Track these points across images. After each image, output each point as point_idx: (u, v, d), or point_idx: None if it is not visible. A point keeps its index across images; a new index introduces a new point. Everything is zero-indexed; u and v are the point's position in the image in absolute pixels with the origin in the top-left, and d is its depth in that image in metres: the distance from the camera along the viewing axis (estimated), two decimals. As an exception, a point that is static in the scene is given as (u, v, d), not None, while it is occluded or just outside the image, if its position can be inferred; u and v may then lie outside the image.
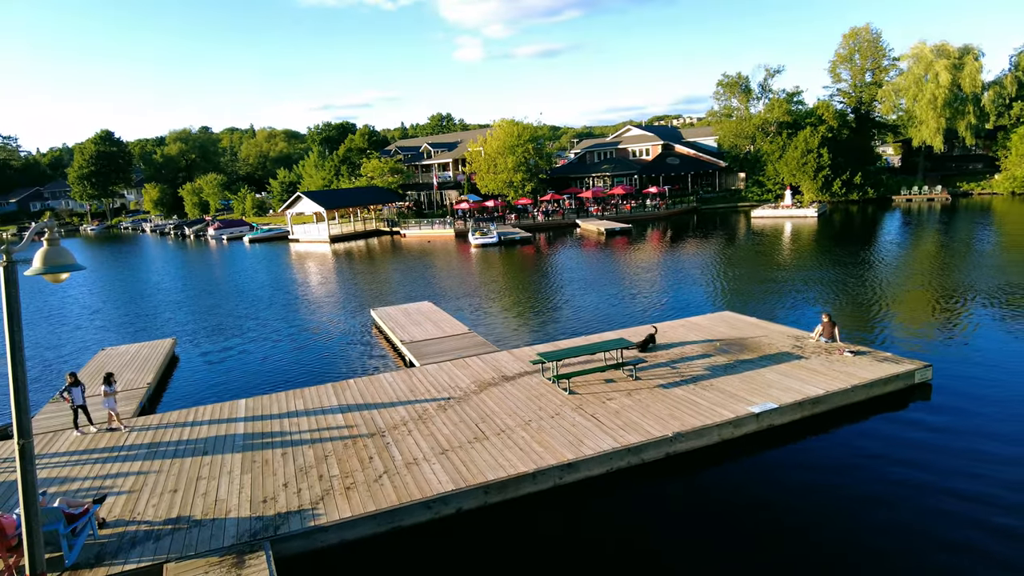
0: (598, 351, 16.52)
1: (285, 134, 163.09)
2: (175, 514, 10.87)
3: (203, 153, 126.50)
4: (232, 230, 76.13)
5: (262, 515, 10.60)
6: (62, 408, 16.53)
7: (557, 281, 34.18)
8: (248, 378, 20.74)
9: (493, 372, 17.10)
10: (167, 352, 22.56)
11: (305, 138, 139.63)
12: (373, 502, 10.71)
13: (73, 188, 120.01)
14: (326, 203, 64.89)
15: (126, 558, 9.65)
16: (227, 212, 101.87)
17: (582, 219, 61.42)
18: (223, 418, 15.31)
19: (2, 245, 7.54)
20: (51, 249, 7.92)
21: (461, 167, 79.31)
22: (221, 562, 9.41)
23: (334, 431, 13.96)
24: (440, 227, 62.61)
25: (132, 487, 12.04)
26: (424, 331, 22.14)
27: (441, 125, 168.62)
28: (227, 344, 25.27)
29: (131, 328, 29.86)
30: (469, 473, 11.47)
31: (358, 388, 16.65)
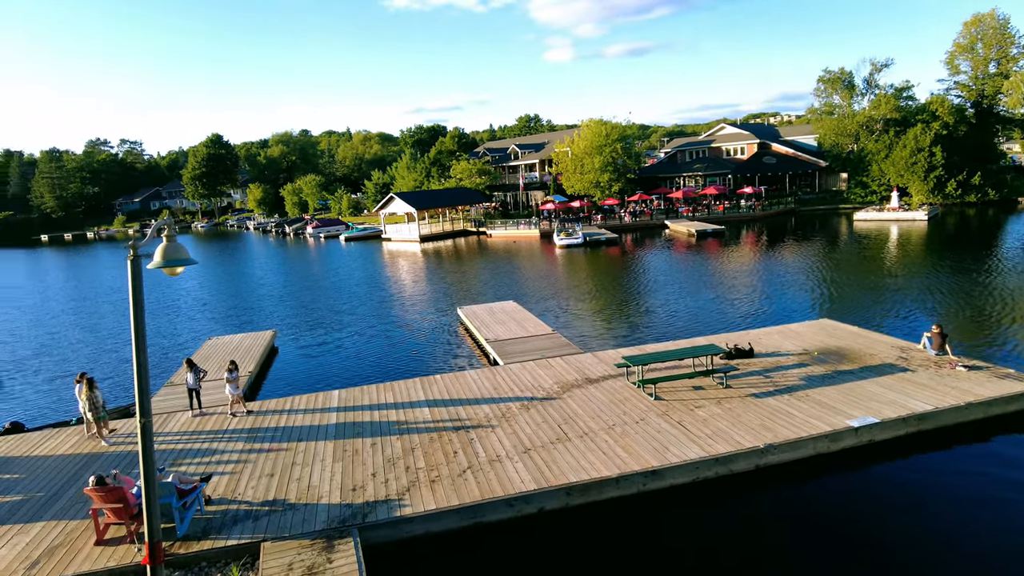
0: (687, 357, 16.09)
1: (379, 137, 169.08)
2: (271, 496, 11.50)
3: (303, 155, 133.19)
4: (329, 229, 79.64)
5: (351, 502, 11.02)
6: (175, 391, 17.85)
7: (643, 283, 33.59)
8: (341, 370, 21.66)
9: (576, 374, 17.01)
10: (268, 343, 23.90)
11: (398, 141, 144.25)
12: (457, 496, 10.91)
13: (186, 188, 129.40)
14: (417, 204, 66.69)
15: (228, 534, 10.30)
16: (325, 212, 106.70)
17: (671, 220, 60.01)
18: (317, 407, 16.05)
19: (129, 241, 8.24)
20: (169, 245, 8.57)
21: (547, 168, 79.42)
22: (312, 545, 9.86)
23: (420, 425, 14.32)
24: (525, 227, 62.96)
25: (234, 469, 12.83)
26: (508, 330, 22.33)
27: (528, 126, 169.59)
28: (323, 337, 26.48)
29: (235, 320, 31.85)
30: (551, 474, 11.46)
31: (444, 384, 17.01)
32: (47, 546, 10.43)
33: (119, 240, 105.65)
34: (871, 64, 66.29)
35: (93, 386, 14.79)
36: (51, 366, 25.33)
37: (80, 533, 10.72)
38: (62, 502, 12.00)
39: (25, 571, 9.75)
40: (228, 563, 9.78)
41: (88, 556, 10.03)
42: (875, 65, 66.14)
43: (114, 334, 30.50)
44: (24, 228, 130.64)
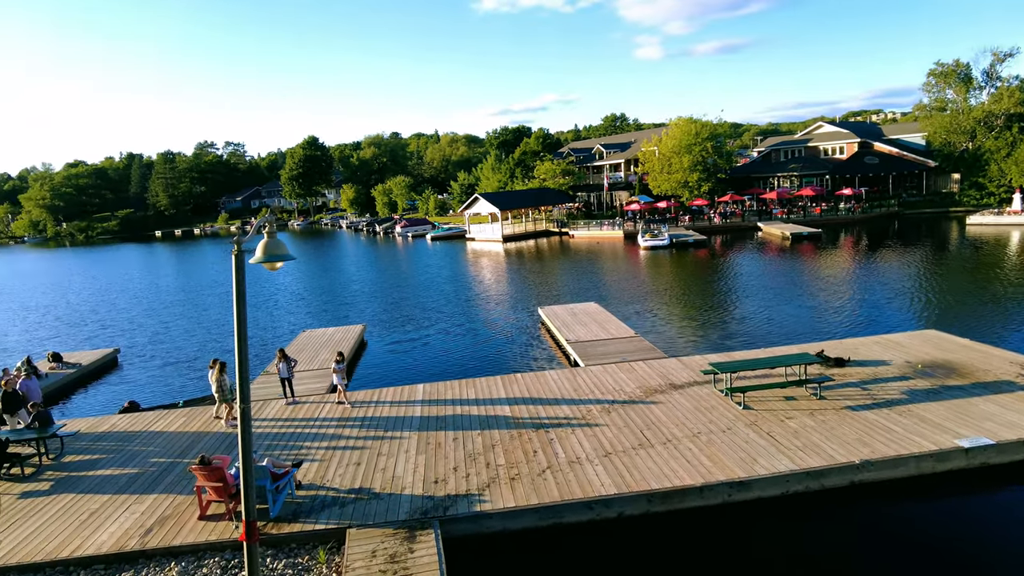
0: (778, 365, 15.42)
1: (466, 139, 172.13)
2: (358, 484, 11.93)
3: (393, 157, 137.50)
4: (416, 228, 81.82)
5: (433, 495, 11.27)
6: (270, 380, 18.85)
7: (733, 287, 32.47)
8: (426, 365, 22.21)
9: (660, 379, 16.67)
10: (357, 337, 24.83)
11: (483, 142, 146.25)
12: (536, 495, 10.94)
13: (284, 188, 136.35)
14: (500, 204, 67.38)
15: (316, 518, 10.78)
16: (412, 211, 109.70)
17: (764, 222, 57.68)
18: (402, 400, 16.52)
19: (233, 237, 8.79)
20: (270, 241, 9.05)
21: (633, 168, 78.25)
22: (395, 534, 10.16)
23: (501, 422, 14.46)
24: (609, 228, 62.29)
25: (323, 456, 13.41)
26: (590, 332, 22.16)
27: (614, 126, 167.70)
28: (409, 333, 27.24)
29: (328, 314, 33.29)
30: (632, 479, 11.28)
31: (525, 383, 17.09)
32: (158, 516, 11.29)
33: (222, 236, 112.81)
34: (992, 54, 61.20)
35: (223, 371, 15.88)
36: (162, 353, 27.37)
37: (186, 507, 11.52)
38: (171, 477, 12.95)
39: (140, 538, 10.60)
40: (316, 546, 10.24)
41: (192, 529, 10.77)
42: (997, 55, 60.99)
43: (217, 324, 32.59)
44: (141, 224, 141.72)
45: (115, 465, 13.89)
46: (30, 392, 16.25)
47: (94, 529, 11.04)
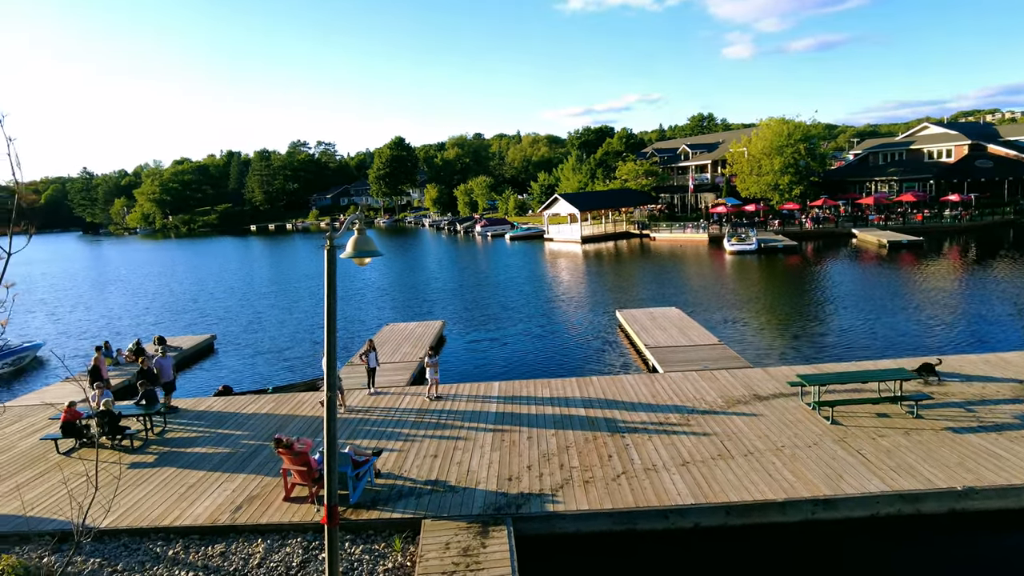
0: (871, 380, 14.57)
1: (547, 139, 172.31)
2: (434, 476, 12.19)
3: (475, 157, 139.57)
4: (496, 228, 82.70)
5: (507, 492, 11.36)
6: (355, 371, 19.54)
7: (824, 296, 30.95)
8: (502, 363, 22.42)
9: (743, 389, 16.11)
10: (437, 332, 25.36)
11: (565, 142, 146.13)
12: (610, 500, 10.82)
13: (372, 187, 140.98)
14: (580, 205, 67.07)
15: (393, 507, 11.09)
16: (492, 211, 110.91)
17: (859, 228, 54.63)
18: (478, 396, 16.73)
19: (326, 233, 9.17)
20: (359, 237, 9.40)
21: (720, 169, 75.96)
22: (469, 528, 10.31)
23: (576, 424, 14.39)
24: (693, 231, 60.76)
25: (401, 447, 13.77)
26: (670, 337, 21.69)
27: (701, 126, 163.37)
28: (486, 330, 27.57)
29: (410, 309, 34.17)
30: (710, 490, 10.96)
31: (601, 386, 16.94)
32: (247, 495, 11.95)
33: (312, 232, 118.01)
34: None
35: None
36: (255, 342, 28.92)
37: (273, 488, 12.12)
38: (260, 458, 13.66)
39: (231, 513, 11.25)
40: (392, 534, 10.53)
41: (278, 509, 11.32)
42: None
43: (308, 316, 34.10)
44: (238, 218, 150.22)
45: (210, 444, 14.80)
46: (163, 370, 17.10)
47: (191, 502, 11.81)
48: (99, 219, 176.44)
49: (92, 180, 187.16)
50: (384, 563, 9.83)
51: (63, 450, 14.75)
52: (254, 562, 10.00)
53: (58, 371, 25.49)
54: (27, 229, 2.85)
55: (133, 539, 10.82)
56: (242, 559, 10.11)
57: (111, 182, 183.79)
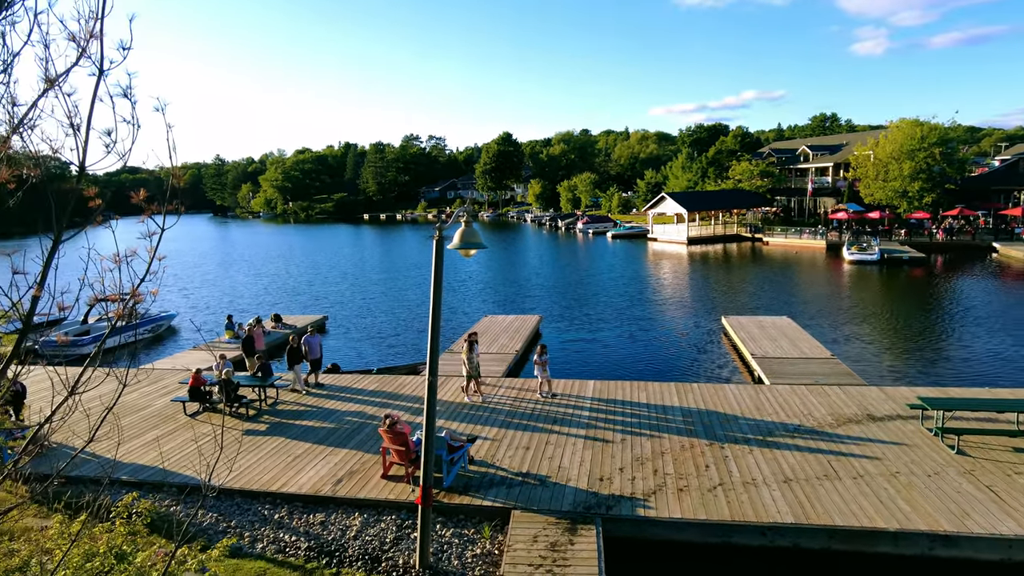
0: (1009, 410, 13.21)
1: (656, 136, 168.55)
2: (525, 469, 12.29)
3: (581, 154, 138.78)
4: (598, 225, 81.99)
5: (597, 492, 11.27)
6: (454, 358, 20.03)
7: (953, 314, 28.36)
8: (597, 362, 22.23)
9: (856, 407, 15.08)
10: (534, 327, 25.52)
11: (675, 140, 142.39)
12: (704, 510, 10.48)
13: (477, 181, 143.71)
14: (688, 204, 65.15)
15: (485, 494, 11.29)
16: (595, 208, 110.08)
17: (1002, 242, 49.56)
18: (572, 393, 16.68)
19: (436, 224, 9.46)
20: (466, 229, 9.63)
21: (842, 172, 71.27)
22: (558, 523, 10.32)
23: (672, 430, 14.03)
24: (809, 237, 57.48)
25: (495, 436, 13.98)
26: (778, 348, 20.65)
27: (823, 126, 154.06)
28: (583, 328, 27.44)
29: (509, 302, 34.60)
30: (813, 510, 10.36)
31: (700, 393, 16.41)
32: (348, 469, 12.57)
33: (420, 223, 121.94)
34: None
35: (472, 348, 16.30)
36: (362, 325, 30.32)
37: (371, 465, 12.68)
38: (361, 435, 14.33)
39: (332, 485, 11.88)
40: (482, 522, 10.73)
41: (376, 485, 11.83)
42: None
43: (414, 304, 35.34)
44: (352, 207, 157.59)
45: (316, 418, 15.69)
46: (311, 348, 17.79)
47: (297, 471, 12.58)
48: (227, 202, 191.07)
49: (223, 166, 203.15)
50: (473, 548, 10.04)
51: (189, 412, 16.14)
52: (351, 534, 10.51)
53: (188, 340, 27.89)
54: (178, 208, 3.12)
55: (245, 500, 11.67)
56: (340, 530, 10.65)
57: (239, 169, 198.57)
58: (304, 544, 10.23)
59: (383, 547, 10.12)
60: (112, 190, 3.54)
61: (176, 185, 3.13)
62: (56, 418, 3.07)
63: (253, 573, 9.43)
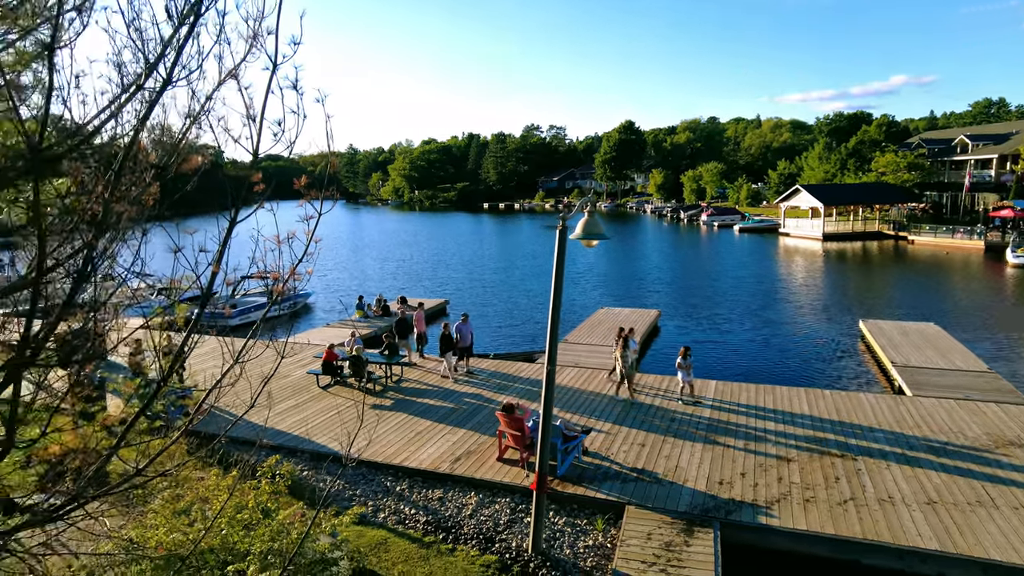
0: None
1: (791, 124, 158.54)
2: (640, 465, 12.09)
3: (708, 143, 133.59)
4: (723, 218, 78.59)
5: (716, 495, 10.88)
6: (569, 348, 20.04)
7: None
8: (720, 361, 21.39)
9: (1018, 428, 13.47)
10: (652, 322, 24.97)
11: (812, 128, 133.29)
12: (833, 525, 9.81)
13: (597, 170, 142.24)
14: (825, 198, 60.84)
15: (598, 487, 11.24)
16: (721, 200, 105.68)
17: None
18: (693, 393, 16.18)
19: (560, 213, 9.46)
20: (589, 219, 9.56)
21: (1010, 165, 63.52)
22: (673, 524, 10.08)
23: (800, 438, 13.24)
24: (964, 236, 51.87)
25: (609, 430, 13.86)
26: (924, 357, 18.86)
27: (987, 113, 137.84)
28: (704, 325, 26.49)
29: (627, 295, 34.08)
30: (963, 540, 9.39)
31: (833, 401, 15.34)
32: (465, 449, 12.97)
33: (537, 212, 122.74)
34: None
35: (627, 344, 15.65)
36: (483, 313, 31.06)
37: (487, 447, 13.00)
38: (479, 417, 14.72)
39: (451, 463, 12.32)
40: (595, 513, 10.69)
41: (491, 467, 12.12)
42: None
43: (532, 294, 35.74)
44: (473, 196, 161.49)
45: (437, 397, 16.30)
46: (463, 336, 17.96)
47: (418, 447, 13.15)
48: (359, 190, 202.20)
49: (356, 156, 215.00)
50: (585, 539, 10.04)
51: (321, 384, 17.32)
52: (466, 512, 10.85)
53: (322, 318, 29.90)
54: (333, 194, 3.32)
55: (370, 470, 12.36)
56: (456, 507, 11.03)
57: (370, 158, 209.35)
58: (423, 518, 10.70)
59: (497, 528, 10.36)
60: (270, 176, 3.83)
61: (332, 172, 3.33)
62: (225, 383, 3.39)
63: (375, 541, 9.99)
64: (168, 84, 2.88)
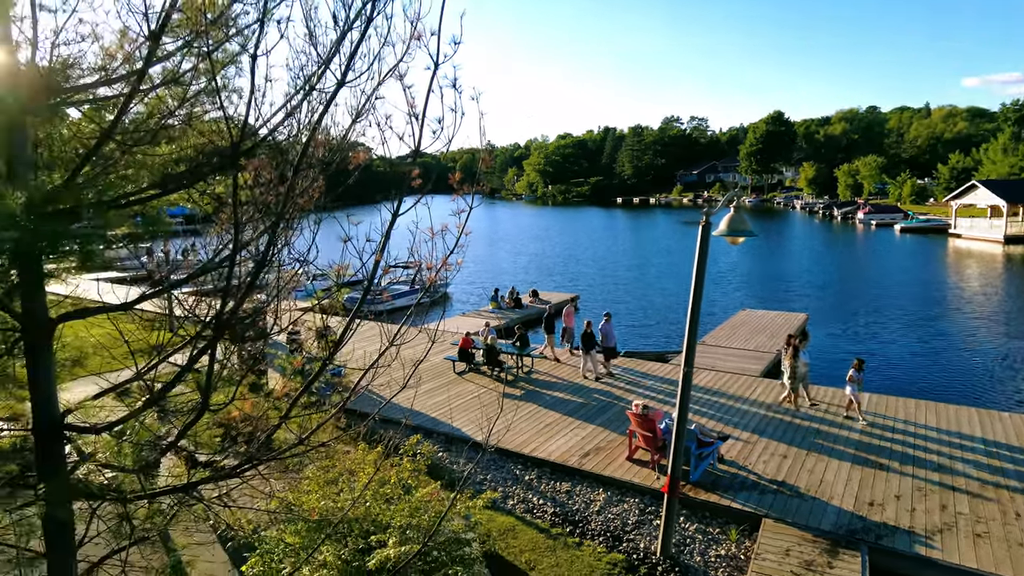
0: None
1: (967, 112, 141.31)
2: (780, 477, 11.40)
3: (866, 134, 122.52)
4: (883, 216, 71.80)
5: (865, 516, 10.02)
6: (707, 350, 19.30)
7: None
8: (873, 372, 19.60)
9: None
10: (797, 326, 23.33)
11: (995, 117, 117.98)
12: (1011, 566, 8.68)
13: (741, 163, 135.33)
14: (1010, 195, 53.62)
15: (733, 497, 10.75)
16: (880, 197, 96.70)
17: None
18: (842, 403, 15.00)
19: (703, 209, 9.12)
20: (735, 215, 9.12)
21: None
22: (815, 542, 9.41)
23: (970, 463, 11.83)
24: None
25: (748, 439, 13.18)
26: None
27: None
28: (855, 332, 24.45)
29: (770, 297, 32.20)
30: None
31: (1012, 425, 13.55)
32: (594, 445, 12.93)
33: (674, 208, 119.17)
34: None
35: (796, 355, 14.43)
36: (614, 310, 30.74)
37: (617, 445, 12.86)
38: (609, 414, 14.60)
39: (579, 458, 12.34)
40: (728, 523, 10.24)
41: (620, 466, 11.99)
42: None
43: (668, 293, 34.82)
44: (607, 191, 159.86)
45: (566, 391, 16.37)
46: (608, 336, 17.62)
47: (547, 439, 13.29)
48: (494, 185, 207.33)
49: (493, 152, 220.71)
50: (716, 548, 9.66)
51: (457, 370, 17.99)
52: (594, 508, 10.82)
53: (458, 307, 31.04)
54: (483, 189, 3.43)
55: (500, 457, 12.68)
56: (584, 502, 11.03)
57: (506, 154, 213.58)
58: (550, 509, 10.81)
59: (624, 528, 10.24)
60: (428, 172, 4.01)
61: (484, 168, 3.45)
62: (380, 363, 3.62)
63: (504, 527, 10.24)
64: (341, 85, 3.12)
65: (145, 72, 3.36)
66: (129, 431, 3.87)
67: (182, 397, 4.10)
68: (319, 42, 3.32)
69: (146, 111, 3.85)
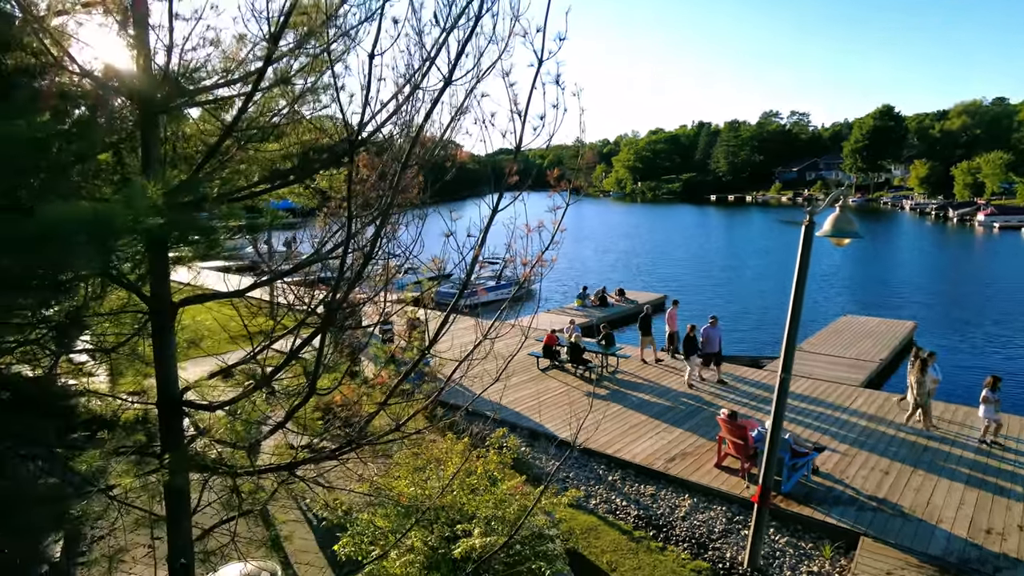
0: None
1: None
2: (881, 495, 10.71)
3: (990, 129, 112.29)
4: (1008, 218, 65.76)
5: (981, 545, 9.25)
6: (804, 356, 18.39)
7: None
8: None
9: None
10: (904, 335, 21.88)
11: None
12: None
13: (845, 161, 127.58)
14: None
15: (828, 511, 10.20)
16: (1006, 197, 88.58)
17: None
18: (956, 420, 13.93)
19: (807, 208, 8.69)
20: (841, 215, 8.63)
21: None
22: (920, 567, 8.79)
23: (1107, 493, 10.68)
24: None
25: (846, 451, 12.47)
26: None
27: None
28: (978, 346, 22.59)
29: (874, 303, 30.25)
30: None
31: None
32: (680, 449, 12.62)
33: (771, 206, 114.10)
34: None
35: (924, 369, 13.43)
36: (706, 311, 29.86)
37: (705, 451, 12.49)
38: (697, 419, 14.21)
39: (665, 462, 12.09)
40: (822, 538, 9.74)
41: (707, 472, 11.65)
42: None
43: (762, 294, 33.42)
44: (699, 188, 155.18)
45: (653, 393, 16.06)
46: (710, 341, 16.79)
47: (632, 440, 13.09)
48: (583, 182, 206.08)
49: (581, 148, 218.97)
50: (808, 564, 9.21)
51: (541, 367, 18.04)
52: (679, 514, 10.57)
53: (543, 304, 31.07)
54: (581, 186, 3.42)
55: (584, 456, 12.61)
56: (669, 507, 10.80)
57: (595, 150, 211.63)
58: (633, 511, 10.65)
59: (711, 535, 9.95)
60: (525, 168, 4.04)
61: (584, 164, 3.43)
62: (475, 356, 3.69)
63: (586, 526, 10.19)
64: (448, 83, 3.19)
65: (264, 72, 3.57)
66: (240, 410, 4.15)
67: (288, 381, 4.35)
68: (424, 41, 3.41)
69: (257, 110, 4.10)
